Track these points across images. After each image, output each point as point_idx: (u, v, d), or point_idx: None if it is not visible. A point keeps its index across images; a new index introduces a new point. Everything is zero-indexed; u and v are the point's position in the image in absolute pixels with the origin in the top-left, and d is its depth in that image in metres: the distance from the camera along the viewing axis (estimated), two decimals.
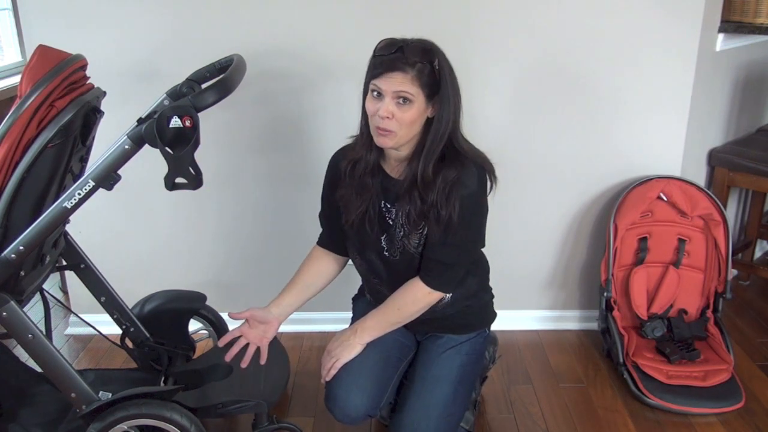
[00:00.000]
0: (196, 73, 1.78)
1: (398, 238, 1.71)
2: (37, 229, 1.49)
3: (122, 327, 1.97)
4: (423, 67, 1.54)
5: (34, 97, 1.43)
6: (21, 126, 1.43)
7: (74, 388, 1.61)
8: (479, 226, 1.72)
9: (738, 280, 2.87)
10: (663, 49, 2.24)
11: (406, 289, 1.73)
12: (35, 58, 1.48)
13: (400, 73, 1.53)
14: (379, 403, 1.74)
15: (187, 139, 1.40)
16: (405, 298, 1.73)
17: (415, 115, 1.56)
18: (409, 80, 1.53)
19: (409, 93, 1.53)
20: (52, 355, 1.59)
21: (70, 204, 1.48)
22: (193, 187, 1.45)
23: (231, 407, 1.75)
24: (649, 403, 2.10)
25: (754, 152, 2.57)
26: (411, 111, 1.55)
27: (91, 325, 1.98)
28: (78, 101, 1.51)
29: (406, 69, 1.53)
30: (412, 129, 1.58)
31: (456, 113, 1.61)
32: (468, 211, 1.64)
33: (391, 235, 1.72)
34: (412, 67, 1.53)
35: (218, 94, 1.43)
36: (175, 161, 1.42)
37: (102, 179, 1.47)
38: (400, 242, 1.71)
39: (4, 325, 1.56)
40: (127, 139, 1.46)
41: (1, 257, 1.48)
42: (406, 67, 1.53)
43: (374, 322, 1.75)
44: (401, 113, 1.55)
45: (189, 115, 1.39)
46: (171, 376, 1.91)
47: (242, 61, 1.66)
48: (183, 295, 2.09)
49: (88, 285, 1.93)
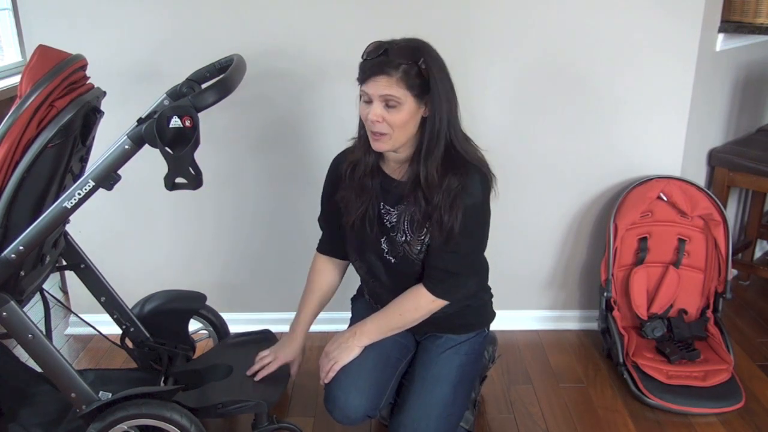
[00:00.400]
0: (196, 73, 1.78)
1: (399, 242, 1.71)
2: (37, 229, 1.49)
3: (122, 327, 1.97)
4: (409, 67, 1.53)
5: (34, 97, 1.43)
6: (21, 126, 1.43)
7: (74, 388, 1.61)
8: (482, 234, 1.72)
9: (738, 280, 2.87)
10: (663, 49, 2.24)
11: (409, 295, 1.73)
12: (35, 58, 1.48)
13: (385, 77, 1.52)
14: (379, 404, 1.73)
15: (187, 139, 1.40)
16: (407, 305, 1.73)
17: (406, 117, 1.55)
18: (394, 83, 1.52)
19: (395, 96, 1.53)
20: (52, 355, 1.59)
21: (70, 204, 1.48)
22: (193, 187, 1.45)
23: (231, 407, 1.74)
24: (649, 403, 2.10)
25: (754, 152, 2.57)
26: (400, 113, 1.55)
27: (91, 325, 1.98)
28: (78, 101, 1.51)
29: (391, 72, 1.52)
30: (405, 131, 1.58)
31: (450, 111, 1.59)
32: (471, 219, 1.64)
33: (392, 238, 1.72)
34: (397, 69, 1.52)
35: (218, 94, 1.43)
36: (175, 161, 1.42)
37: (102, 179, 1.47)
38: (401, 247, 1.71)
39: (4, 325, 1.56)
40: (127, 139, 1.46)
41: (1, 257, 1.48)
42: (391, 69, 1.52)
43: (374, 326, 1.75)
44: (391, 116, 1.55)
45: (189, 115, 1.39)
46: (171, 376, 1.91)
47: (242, 61, 1.66)
48: (183, 295, 2.09)
49: (88, 285, 1.93)
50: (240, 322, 2.29)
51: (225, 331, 2.14)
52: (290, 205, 2.39)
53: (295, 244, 2.37)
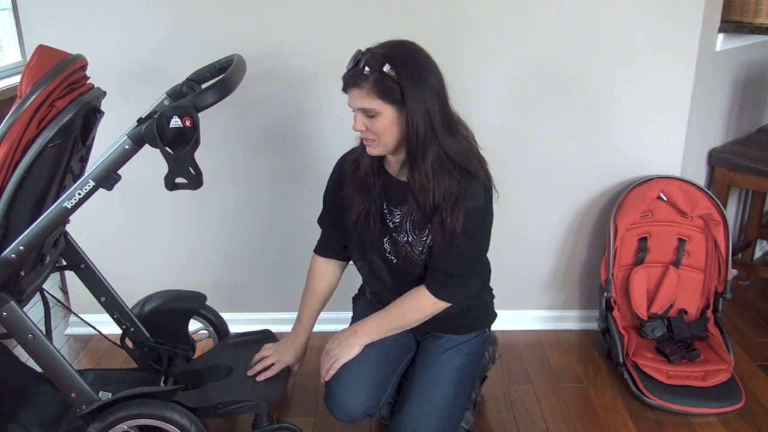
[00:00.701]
0: (196, 73, 1.78)
1: (401, 243, 1.71)
2: (37, 229, 1.49)
3: (122, 327, 1.96)
4: (379, 76, 1.52)
5: (35, 97, 1.43)
6: (21, 126, 1.43)
7: (74, 388, 1.61)
8: (485, 236, 1.72)
9: (738, 280, 2.87)
10: (663, 49, 2.24)
11: (412, 296, 1.73)
12: (35, 58, 1.48)
13: (356, 89, 1.54)
14: (379, 403, 1.74)
15: (187, 139, 1.41)
16: (409, 305, 1.73)
17: (386, 123, 1.56)
18: (365, 95, 1.53)
19: (369, 108, 1.55)
20: (52, 355, 1.59)
21: (70, 204, 1.48)
22: (193, 187, 1.46)
23: (231, 407, 1.75)
24: (649, 403, 2.10)
25: (754, 152, 2.57)
26: (380, 122, 1.56)
27: (91, 325, 1.98)
28: (78, 101, 1.51)
29: (362, 84, 1.53)
30: (390, 136, 1.58)
31: (431, 114, 1.55)
32: (473, 222, 1.64)
33: (394, 238, 1.72)
34: (367, 80, 1.52)
35: (218, 94, 1.44)
36: (176, 161, 1.42)
37: (102, 179, 1.47)
38: (403, 248, 1.71)
39: (4, 325, 1.56)
40: (127, 139, 1.46)
41: (1, 257, 1.48)
42: (362, 81, 1.53)
43: (375, 325, 1.75)
44: (372, 125, 1.57)
45: (189, 115, 1.40)
46: (171, 376, 1.91)
47: (242, 61, 1.66)
48: (183, 295, 2.09)
49: (88, 285, 1.93)
50: (240, 322, 2.29)
51: (225, 331, 2.14)
52: (290, 205, 2.39)
53: (295, 244, 2.37)
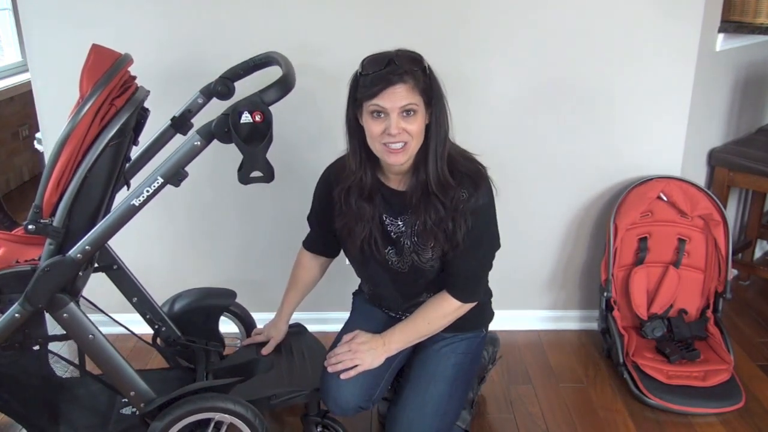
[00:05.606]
0: (230, 70, 1.77)
1: (407, 252, 1.70)
2: (103, 227, 1.49)
3: (154, 327, 1.93)
4: (417, 74, 1.52)
5: (96, 96, 1.43)
6: (85, 125, 1.43)
7: (134, 387, 1.61)
8: (496, 232, 1.73)
9: (738, 280, 2.87)
10: (663, 49, 2.24)
11: (435, 303, 1.73)
12: (92, 58, 1.48)
13: (402, 85, 1.50)
14: (372, 397, 1.74)
15: (261, 134, 1.45)
16: (435, 313, 1.74)
17: (422, 124, 1.55)
18: (411, 89, 1.51)
19: (414, 103, 1.52)
20: (112, 354, 1.59)
21: (138, 201, 1.49)
22: (267, 180, 1.49)
23: (284, 398, 1.75)
24: (649, 403, 2.10)
25: (754, 152, 2.58)
26: (417, 121, 1.54)
27: (123, 325, 1.90)
28: (133, 100, 1.53)
29: (406, 79, 1.50)
30: (419, 139, 1.57)
31: (448, 120, 1.60)
32: (484, 221, 1.65)
33: (400, 248, 1.71)
34: (410, 76, 1.51)
35: (283, 90, 1.48)
36: (252, 156, 1.46)
37: (171, 176, 1.49)
38: (409, 257, 1.70)
39: (65, 327, 1.54)
40: (197, 136, 1.48)
41: (67, 257, 1.48)
42: (406, 77, 1.50)
43: (402, 334, 1.75)
44: (410, 125, 1.53)
45: (260, 111, 1.43)
46: (211, 373, 1.87)
47: (287, 59, 1.67)
48: (213, 292, 2.07)
49: (120, 286, 1.90)
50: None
51: (253, 328, 2.12)
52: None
53: None
